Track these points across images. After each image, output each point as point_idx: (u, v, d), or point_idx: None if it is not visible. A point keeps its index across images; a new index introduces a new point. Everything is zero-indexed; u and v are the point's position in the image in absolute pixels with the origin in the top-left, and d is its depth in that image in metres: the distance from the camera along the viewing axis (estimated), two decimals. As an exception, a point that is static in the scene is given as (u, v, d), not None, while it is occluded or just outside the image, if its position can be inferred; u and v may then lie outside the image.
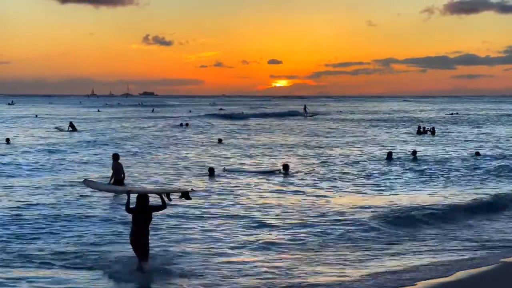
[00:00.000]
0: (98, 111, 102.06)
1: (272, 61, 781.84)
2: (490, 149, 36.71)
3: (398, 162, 29.60)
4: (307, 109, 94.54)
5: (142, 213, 11.16)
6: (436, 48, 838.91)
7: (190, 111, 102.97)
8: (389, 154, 31.18)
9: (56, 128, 53.39)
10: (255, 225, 15.52)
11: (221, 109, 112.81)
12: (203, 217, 16.35)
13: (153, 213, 11.49)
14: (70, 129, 51.05)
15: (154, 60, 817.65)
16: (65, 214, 16.36)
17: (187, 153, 33.88)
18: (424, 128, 52.14)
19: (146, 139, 42.98)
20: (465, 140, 44.31)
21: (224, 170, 26.27)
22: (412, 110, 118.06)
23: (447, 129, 58.26)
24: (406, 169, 27.23)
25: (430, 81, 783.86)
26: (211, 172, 24.83)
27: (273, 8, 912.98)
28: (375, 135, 49.18)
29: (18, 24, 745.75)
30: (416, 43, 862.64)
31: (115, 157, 21.62)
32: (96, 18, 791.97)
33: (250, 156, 33.00)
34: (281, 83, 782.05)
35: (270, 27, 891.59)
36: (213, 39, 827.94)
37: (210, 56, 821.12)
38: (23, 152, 32.82)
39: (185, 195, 11.41)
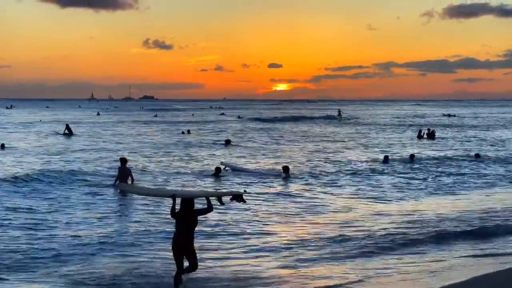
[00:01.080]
0: (98, 114, 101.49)
1: (272, 65, 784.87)
2: (491, 152, 36.49)
3: (394, 166, 29.12)
4: (341, 113, 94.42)
5: (186, 217, 10.29)
6: (436, 52, 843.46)
7: (192, 115, 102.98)
8: (386, 158, 30.81)
9: (55, 132, 53.20)
10: (261, 230, 15.17)
11: (222, 113, 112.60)
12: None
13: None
14: (67, 132, 50.79)
15: (155, 64, 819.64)
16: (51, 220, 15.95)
17: (194, 154, 33.86)
18: (428, 129, 52.36)
19: (151, 143, 42.70)
20: (465, 142, 44.30)
21: (222, 164, 26.09)
22: (424, 114, 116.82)
23: (448, 132, 58.18)
24: (401, 174, 26.61)
25: (430, 85, 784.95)
26: (217, 172, 24.62)
27: (273, 12, 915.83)
28: (376, 138, 48.99)
29: (18, 28, 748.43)
30: (416, 47, 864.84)
31: (123, 160, 21.31)
32: (96, 22, 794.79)
33: (255, 157, 32.91)
34: (281, 87, 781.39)
35: (270, 31, 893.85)
36: (213, 43, 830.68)
37: (210, 60, 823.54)
38: (17, 157, 32.29)
39: (238, 197, 10.53)
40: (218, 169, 24.85)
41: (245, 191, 11.22)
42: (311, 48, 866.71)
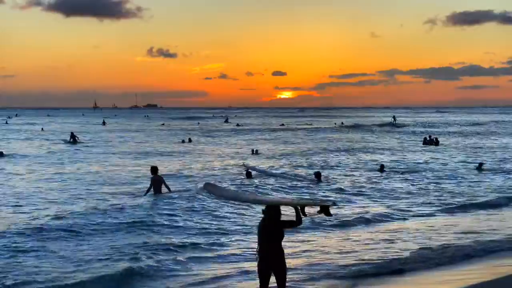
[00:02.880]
0: (104, 124, 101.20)
1: (277, 73, 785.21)
2: (495, 162, 35.07)
3: (391, 175, 28.56)
4: (395, 119, 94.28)
5: (272, 229, 8.81)
6: (440, 59, 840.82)
7: (198, 123, 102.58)
8: (382, 167, 30.07)
9: (62, 140, 53.42)
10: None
11: (227, 121, 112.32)
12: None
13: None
14: (71, 140, 51.19)
15: (159, 73, 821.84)
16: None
17: (220, 162, 33.78)
18: (429, 136, 52.70)
19: (165, 150, 42.80)
20: (472, 151, 43.38)
21: (243, 165, 25.91)
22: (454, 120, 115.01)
23: (452, 139, 57.92)
24: (398, 183, 25.65)
25: (435, 92, 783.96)
26: (249, 175, 24.47)
27: (277, 20, 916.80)
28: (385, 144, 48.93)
29: (22, 38, 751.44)
30: (419, 54, 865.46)
31: (154, 170, 20.42)
32: (100, 31, 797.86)
33: (282, 163, 32.89)
34: (286, 94, 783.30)
35: (274, 39, 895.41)
36: (217, 51, 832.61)
37: (214, 68, 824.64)
38: (15, 163, 32.48)
39: (325, 209, 8.97)
40: (249, 173, 24.70)
41: (334, 203, 9.35)
42: (315, 56, 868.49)
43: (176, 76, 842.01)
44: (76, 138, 51.74)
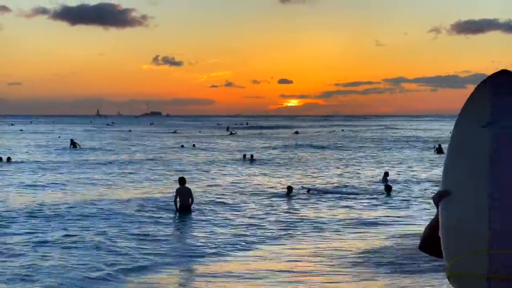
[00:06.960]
0: (129, 130, 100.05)
1: (283, 81, 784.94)
2: None
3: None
4: None
5: None
6: (446, 67, 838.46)
7: (200, 132, 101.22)
8: (385, 175, 27.85)
9: (62, 147, 52.49)
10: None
11: (228, 129, 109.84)
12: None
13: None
14: (71, 146, 51.25)
15: (165, 80, 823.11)
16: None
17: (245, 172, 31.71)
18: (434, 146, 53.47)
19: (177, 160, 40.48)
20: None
21: (302, 188, 24.53)
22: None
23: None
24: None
25: (442, 100, 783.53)
26: (289, 191, 23.31)
27: (282, 28, 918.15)
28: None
29: (29, 46, 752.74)
30: (425, 62, 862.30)
31: (181, 180, 19.56)
32: (106, 39, 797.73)
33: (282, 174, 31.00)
34: (292, 102, 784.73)
35: (280, 47, 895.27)
36: (223, 59, 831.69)
37: (220, 76, 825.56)
38: (22, 170, 31.53)
39: None
40: (290, 188, 23.58)
41: None
42: (320, 64, 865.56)
43: (182, 84, 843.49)
44: (77, 145, 51.47)
